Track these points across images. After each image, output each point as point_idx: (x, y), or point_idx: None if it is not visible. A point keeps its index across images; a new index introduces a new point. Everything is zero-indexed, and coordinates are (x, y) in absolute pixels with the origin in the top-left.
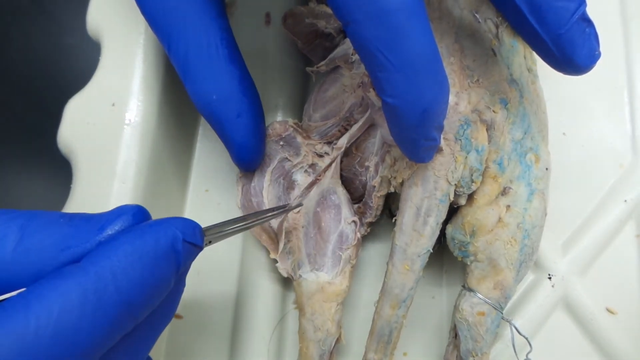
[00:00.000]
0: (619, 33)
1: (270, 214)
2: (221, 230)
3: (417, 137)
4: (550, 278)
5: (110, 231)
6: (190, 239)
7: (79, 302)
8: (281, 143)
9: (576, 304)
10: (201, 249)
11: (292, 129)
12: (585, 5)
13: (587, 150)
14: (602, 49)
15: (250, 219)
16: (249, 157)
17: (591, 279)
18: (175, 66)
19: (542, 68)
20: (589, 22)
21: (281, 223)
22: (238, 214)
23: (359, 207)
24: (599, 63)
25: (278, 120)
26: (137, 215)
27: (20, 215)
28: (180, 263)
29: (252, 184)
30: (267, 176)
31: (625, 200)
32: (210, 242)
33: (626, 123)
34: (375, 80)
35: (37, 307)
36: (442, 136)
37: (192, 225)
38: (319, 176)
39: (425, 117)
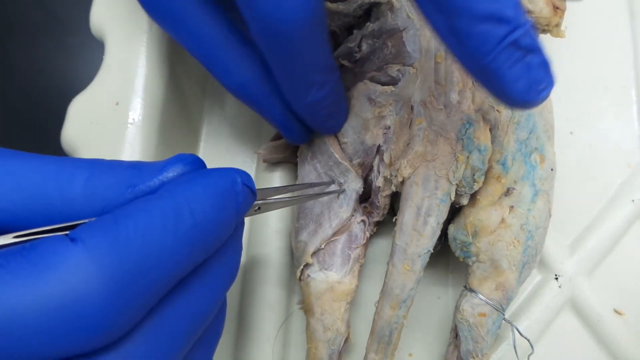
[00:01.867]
0: (627, 32)
1: (317, 193)
2: (268, 195)
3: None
4: (557, 279)
5: (171, 173)
6: (247, 182)
7: (161, 221)
8: None
9: (583, 305)
10: (255, 198)
11: None
12: (523, 30)
13: (595, 149)
14: (609, 47)
15: (296, 190)
16: (292, 131)
17: (599, 279)
18: (200, 61)
19: None
20: (529, 50)
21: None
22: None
23: (366, 207)
24: (607, 62)
25: None
26: (194, 162)
27: (85, 160)
28: (240, 205)
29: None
30: None
31: (633, 200)
32: (259, 208)
33: (634, 122)
34: None
35: (126, 222)
36: (445, 135)
37: (246, 172)
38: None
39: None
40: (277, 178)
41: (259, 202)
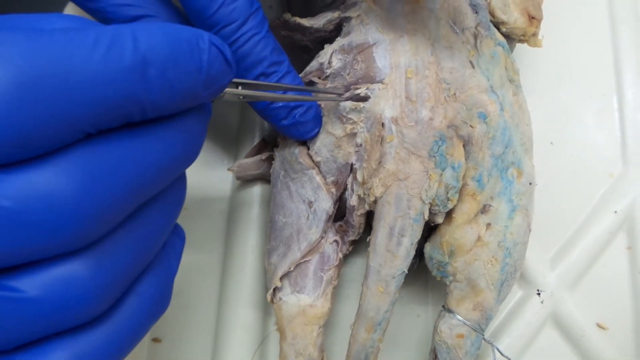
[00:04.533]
0: (607, 38)
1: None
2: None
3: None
4: (539, 294)
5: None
6: (219, 45)
7: (93, 41)
8: None
9: (566, 320)
10: (230, 69)
11: None
12: (303, 110)
13: (576, 159)
14: (590, 54)
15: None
16: None
17: (581, 293)
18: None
19: (527, 78)
20: (304, 120)
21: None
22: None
23: (341, 226)
24: (587, 71)
25: None
26: None
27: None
28: (204, 64)
29: None
30: None
31: (616, 211)
32: (243, 97)
33: (616, 130)
34: None
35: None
36: (416, 153)
37: (220, 40)
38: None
39: None
40: (255, 196)
41: (242, 85)
